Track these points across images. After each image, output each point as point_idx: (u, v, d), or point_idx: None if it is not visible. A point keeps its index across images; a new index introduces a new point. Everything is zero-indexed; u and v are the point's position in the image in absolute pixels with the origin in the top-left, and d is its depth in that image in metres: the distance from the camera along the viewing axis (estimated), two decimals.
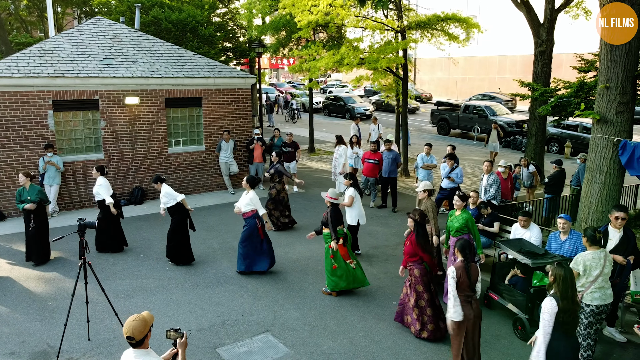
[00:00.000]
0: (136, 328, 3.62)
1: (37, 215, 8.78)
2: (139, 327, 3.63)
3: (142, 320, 3.67)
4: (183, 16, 20.94)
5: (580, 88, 10.17)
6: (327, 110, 33.16)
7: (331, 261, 7.66)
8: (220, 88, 13.56)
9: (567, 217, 7.32)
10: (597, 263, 5.76)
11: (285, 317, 7.16)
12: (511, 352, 6.36)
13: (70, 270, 8.67)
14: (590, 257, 5.81)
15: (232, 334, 6.71)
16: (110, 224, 9.27)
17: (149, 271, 8.71)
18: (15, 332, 6.70)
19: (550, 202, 11.10)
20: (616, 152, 8.01)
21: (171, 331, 3.83)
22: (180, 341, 3.82)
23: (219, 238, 10.34)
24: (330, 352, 6.31)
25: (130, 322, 3.64)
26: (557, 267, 4.76)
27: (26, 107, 11.15)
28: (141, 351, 3.71)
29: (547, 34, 14.56)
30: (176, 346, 3.82)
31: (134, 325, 3.62)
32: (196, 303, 7.56)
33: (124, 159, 12.48)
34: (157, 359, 3.76)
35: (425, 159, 12.27)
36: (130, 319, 3.65)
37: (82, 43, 12.59)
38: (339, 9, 14.05)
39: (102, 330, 6.73)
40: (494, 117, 23.14)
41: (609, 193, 8.22)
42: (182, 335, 3.82)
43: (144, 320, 3.68)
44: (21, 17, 30.60)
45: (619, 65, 7.87)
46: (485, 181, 9.95)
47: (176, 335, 3.82)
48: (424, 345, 6.50)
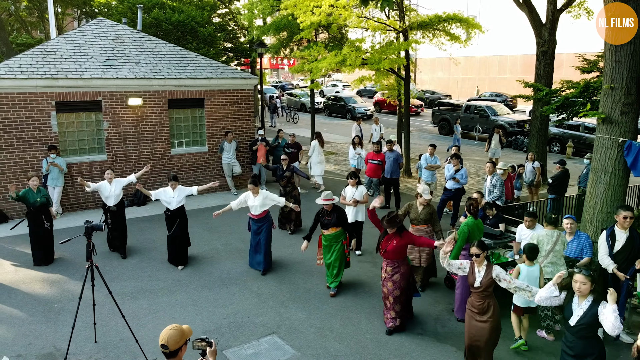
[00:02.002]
0: (172, 337, 3.43)
1: (48, 217, 8.90)
2: (175, 337, 3.45)
3: (180, 330, 3.49)
4: (182, 17, 20.94)
5: (585, 88, 10.18)
6: (327, 111, 33.16)
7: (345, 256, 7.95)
8: (223, 89, 13.55)
9: (573, 217, 7.34)
10: (549, 240, 6.72)
11: (291, 319, 7.16)
12: (519, 351, 6.36)
13: (75, 272, 8.66)
14: (544, 234, 6.82)
15: (238, 335, 6.71)
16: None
17: (154, 272, 8.70)
18: (22, 335, 6.69)
19: (553, 203, 11.10)
20: (621, 153, 8.01)
21: (198, 341, 3.61)
22: (210, 350, 3.59)
23: (222, 239, 10.33)
24: (337, 354, 6.31)
25: (167, 330, 3.46)
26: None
27: (29, 109, 11.14)
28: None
29: (549, 34, 14.58)
30: (205, 355, 3.61)
31: (170, 333, 3.44)
32: (202, 305, 7.55)
33: (127, 160, 12.47)
34: None
35: (429, 160, 12.27)
36: (168, 328, 3.47)
37: (84, 44, 12.58)
38: (342, 9, 14.05)
39: (109, 333, 6.72)
40: (496, 117, 23.15)
41: (614, 194, 8.21)
42: (210, 344, 3.60)
43: (182, 331, 3.50)
44: (21, 17, 30.58)
45: (624, 66, 7.87)
46: (489, 182, 9.96)
47: (205, 344, 3.60)
48: (431, 347, 6.50)
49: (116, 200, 9.11)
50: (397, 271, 6.67)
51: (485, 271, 5.49)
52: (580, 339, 4.72)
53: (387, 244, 6.63)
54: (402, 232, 6.66)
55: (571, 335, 4.77)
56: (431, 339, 6.69)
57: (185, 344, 3.56)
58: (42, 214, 8.78)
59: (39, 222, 8.78)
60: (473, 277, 5.56)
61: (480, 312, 5.53)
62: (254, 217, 8.60)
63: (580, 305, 4.70)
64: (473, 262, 5.61)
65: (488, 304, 5.51)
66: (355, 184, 9.15)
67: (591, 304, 4.64)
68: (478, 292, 5.52)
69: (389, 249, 6.60)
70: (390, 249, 6.60)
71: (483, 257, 5.51)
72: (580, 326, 4.63)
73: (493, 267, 5.49)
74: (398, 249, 6.61)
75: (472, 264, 5.63)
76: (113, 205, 9.10)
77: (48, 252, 9.00)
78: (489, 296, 5.52)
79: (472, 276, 5.57)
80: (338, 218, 7.87)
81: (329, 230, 7.88)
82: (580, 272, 4.71)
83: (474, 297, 5.60)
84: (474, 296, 5.60)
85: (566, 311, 4.79)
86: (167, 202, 8.69)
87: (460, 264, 5.72)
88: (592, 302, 4.65)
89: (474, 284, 5.53)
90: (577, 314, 4.69)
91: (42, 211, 8.80)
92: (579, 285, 4.66)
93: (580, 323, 4.64)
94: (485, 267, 5.51)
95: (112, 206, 9.10)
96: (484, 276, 5.47)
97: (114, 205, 9.11)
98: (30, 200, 8.65)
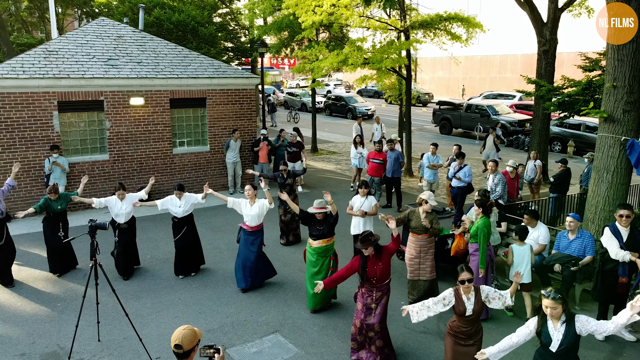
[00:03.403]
0: (186, 336, 3.41)
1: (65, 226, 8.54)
2: (189, 336, 3.43)
3: (193, 330, 3.49)
4: (183, 17, 20.96)
5: (587, 86, 10.18)
6: (328, 110, 33.16)
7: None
8: (225, 88, 13.56)
9: (576, 216, 7.35)
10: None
11: (294, 318, 7.17)
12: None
13: (78, 271, 8.67)
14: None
15: (241, 334, 6.72)
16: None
17: (156, 272, 8.71)
18: (25, 334, 6.71)
19: (555, 202, 11.11)
20: (623, 151, 8.02)
21: (206, 348, 3.53)
22: (219, 356, 3.51)
23: (225, 239, 10.34)
24: (341, 352, 6.31)
25: (180, 330, 3.45)
26: None
27: (31, 108, 11.15)
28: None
29: (550, 33, 14.56)
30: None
31: (184, 333, 3.42)
32: (204, 304, 7.56)
33: (129, 160, 12.48)
34: None
35: (432, 159, 12.28)
36: (181, 328, 3.46)
37: (86, 44, 12.60)
38: (343, 9, 14.05)
39: (112, 331, 6.74)
40: (497, 116, 23.15)
41: (616, 192, 8.22)
42: (218, 350, 3.53)
43: (194, 331, 3.50)
44: (22, 17, 30.61)
45: (626, 65, 7.87)
46: (491, 181, 9.96)
47: (213, 352, 3.53)
48: (434, 346, 6.51)
49: (127, 217, 8.35)
50: (386, 294, 6.07)
51: (475, 297, 5.02)
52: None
53: (374, 270, 5.88)
54: (382, 251, 5.93)
55: (550, 357, 4.40)
56: (434, 337, 6.71)
57: (197, 345, 3.55)
58: (59, 221, 8.38)
59: (55, 230, 8.38)
60: (462, 306, 5.02)
61: (467, 337, 5.12)
62: (247, 229, 7.88)
63: (557, 328, 4.32)
64: (458, 291, 5.07)
65: (476, 327, 5.12)
66: (365, 193, 8.44)
67: (567, 326, 4.29)
68: (470, 319, 5.05)
69: (378, 274, 5.88)
70: (379, 273, 5.88)
71: (472, 284, 5.02)
72: (563, 350, 4.30)
73: (481, 289, 5.06)
74: (385, 270, 5.95)
75: (457, 293, 5.07)
76: (124, 222, 8.35)
77: (65, 261, 8.61)
78: (478, 320, 5.15)
79: (461, 305, 5.02)
80: (329, 228, 7.22)
81: (319, 242, 7.18)
82: (548, 296, 4.26)
83: (461, 323, 5.09)
84: (461, 322, 5.09)
85: (543, 337, 4.39)
86: (174, 212, 8.30)
87: (443, 300, 5.08)
88: (567, 322, 4.30)
89: (465, 313, 5.02)
90: (556, 338, 4.31)
91: (60, 219, 8.38)
92: (550, 311, 4.27)
93: (562, 347, 4.29)
94: (474, 292, 5.04)
95: (122, 223, 8.34)
96: (475, 303, 5.01)
97: (124, 222, 8.36)
98: (51, 209, 8.23)
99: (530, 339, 4.57)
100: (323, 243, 7.19)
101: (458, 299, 5.03)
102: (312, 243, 7.23)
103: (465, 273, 4.97)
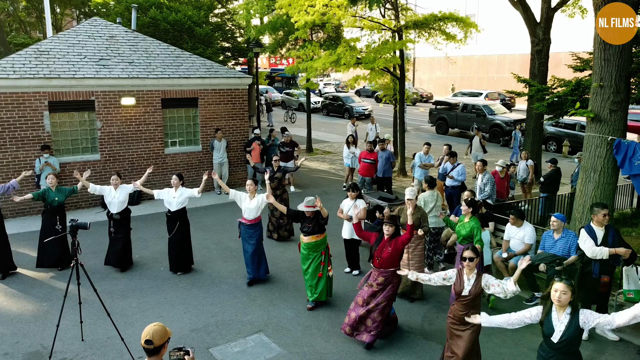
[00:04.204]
0: (157, 332, 3.51)
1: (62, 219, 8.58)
2: (160, 332, 3.53)
3: (163, 327, 3.58)
4: (179, 17, 20.97)
5: (576, 87, 10.18)
6: (325, 110, 33.16)
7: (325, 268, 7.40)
8: (217, 88, 13.57)
9: (560, 215, 7.36)
10: (432, 199, 8.62)
11: (279, 317, 7.18)
12: (503, 352, 6.37)
13: (65, 271, 8.67)
14: (427, 195, 8.67)
15: (225, 334, 6.72)
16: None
17: (144, 272, 8.72)
18: (10, 333, 6.72)
19: (546, 201, 11.11)
20: (610, 151, 8.02)
21: (175, 351, 3.56)
22: (189, 357, 3.54)
23: (214, 238, 10.35)
24: (324, 352, 6.32)
25: (151, 326, 3.54)
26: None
27: (22, 108, 11.17)
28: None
29: (543, 33, 14.56)
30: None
31: (155, 329, 3.52)
32: (190, 303, 7.57)
33: (121, 160, 12.49)
34: None
35: (424, 158, 12.30)
36: (151, 324, 3.56)
37: (78, 44, 12.61)
38: (336, 9, 14.06)
39: (96, 331, 6.75)
40: (492, 116, 23.14)
41: (603, 192, 8.22)
42: (188, 352, 3.57)
43: (165, 328, 3.59)
44: (20, 18, 30.63)
45: (613, 64, 7.87)
46: (480, 181, 9.97)
47: (182, 353, 3.56)
48: (417, 345, 6.52)
49: (119, 207, 8.48)
50: (390, 281, 6.31)
51: (475, 280, 5.18)
52: (562, 355, 4.38)
53: (382, 251, 6.30)
54: (397, 237, 6.33)
55: (551, 350, 4.42)
56: (418, 337, 6.71)
57: (167, 342, 3.59)
58: (57, 214, 8.46)
59: (52, 223, 8.45)
60: (461, 285, 5.21)
61: (461, 322, 5.25)
62: (246, 222, 8.12)
63: (561, 319, 4.31)
64: (460, 270, 5.29)
65: (472, 314, 5.11)
66: (354, 197, 8.40)
67: (571, 317, 4.28)
68: (465, 301, 5.21)
69: (385, 256, 6.25)
70: (385, 256, 6.25)
71: (475, 263, 5.22)
72: (564, 342, 4.28)
73: (483, 276, 5.20)
74: (393, 256, 6.28)
75: (459, 272, 5.29)
76: (116, 213, 8.48)
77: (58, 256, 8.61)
78: (475, 307, 5.21)
79: (460, 284, 5.22)
80: (319, 226, 7.33)
81: (309, 238, 7.32)
82: (561, 280, 4.28)
83: (458, 306, 5.28)
84: (458, 305, 5.28)
85: (545, 327, 4.39)
86: (168, 203, 8.39)
87: (445, 275, 5.36)
88: (572, 313, 4.29)
89: (462, 292, 5.19)
90: (558, 329, 4.30)
91: (57, 212, 8.47)
92: (560, 295, 4.24)
93: (563, 338, 4.27)
94: (476, 275, 5.22)
95: (114, 214, 8.49)
96: (474, 285, 5.16)
97: (116, 213, 8.49)
98: (48, 200, 8.38)
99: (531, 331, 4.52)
100: (313, 239, 7.34)
101: (459, 278, 5.27)
102: (303, 238, 7.42)
103: (468, 251, 5.20)
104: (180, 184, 8.45)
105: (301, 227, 7.44)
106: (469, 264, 5.18)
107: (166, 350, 3.60)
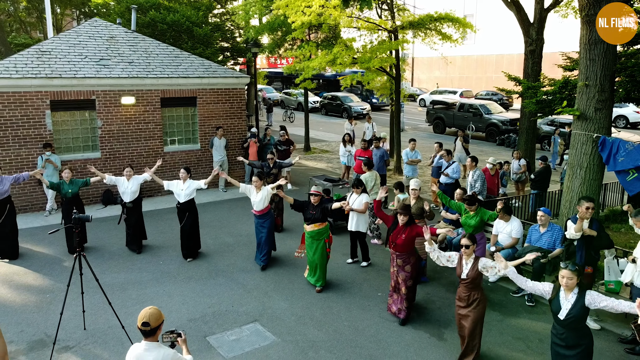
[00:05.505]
0: (152, 315, 3.78)
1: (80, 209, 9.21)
2: (155, 315, 3.80)
3: (158, 310, 3.85)
4: (177, 17, 21.20)
5: (564, 85, 10.43)
6: (324, 110, 33.42)
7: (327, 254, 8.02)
8: (215, 88, 13.82)
9: (546, 210, 7.61)
10: (372, 178, 9.65)
11: (273, 308, 7.43)
12: (488, 340, 6.61)
13: (69, 263, 8.91)
14: (367, 175, 9.72)
15: (221, 323, 6.98)
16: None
17: (144, 265, 8.98)
18: (14, 322, 6.97)
19: (536, 198, 11.35)
20: (595, 148, 8.27)
21: (167, 334, 3.87)
22: (181, 339, 3.92)
23: (212, 234, 10.60)
24: (316, 340, 6.58)
25: (146, 309, 3.80)
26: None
27: (24, 107, 11.43)
28: (153, 344, 3.81)
29: (537, 33, 14.79)
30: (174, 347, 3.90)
31: (150, 312, 3.79)
32: (188, 295, 7.83)
33: (121, 158, 12.75)
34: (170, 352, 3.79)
35: (410, 155, 12.55)
36: (147, 308, 3.83)
37: (79, 44, 12.86)
38: (332, 9, 14.30)
39: (98, 321, 7.00)
40: (489, 115, 23.39)
41: (589, 188, 8.48)
42: (180, 334, 3.91)
43: (159, 311, 3.86)
44: (20, 18, 30.89)
45: (598, 64, 8.13)
46: (470, 177, 10.23)
47: (175, 336, 3.87)
48: (406, 334, 6.77)
49: (132, 196, 9.34)
50: (407, 262, 6.88)
51: (472, 264, 5.73)
52: (570, 330, 4.84)
53: (397, 237, 6.82)
54: (412, 225, 6.84)
55: (561, 327, 4.89)
56: (406, 326, 6.95)
57: (161, 324, 3.85)
58: (73, 205, 8.98)
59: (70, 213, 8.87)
60: (460, 269, 5.81)
61: (464, 303, 5.82)
62: (256, 213, 8.78)
63: (568, 298, 4.79)
64: (461, 254, 5.85)
65: (473, 296, 5.76)
66: (359, 192, 8.77)
67: (577, 297, 4.74)
68: (465, 284, 5.78)
69: (399, 242, 6.79)
70: (399, 242, 6.78)
71: (472, 249, 5.77)
72: (570, 319, 4.75)
73: (480, 260, 5.72)
74: (407, 242, 6.79)
75: (460, 256, 5.88)
76: (129, 202, 9.33)
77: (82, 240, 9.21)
78: (475, 288, 5.76)
79: (460, 268, 5.82)
80: (322, 213, 7.86)
81: (312, 226, 7.86)
82: (566, 267, 4.75)
83: (461, 289, 5.88)
84: (461, 287, 5.88)
85: (553, 305, 4.89)
86: (177, 195, 9.06)
87: (449, 256, 5.96)
88: (579, 294, 4.75)
89: (461, 275, 5.79)
90: (565, 307, 4.78)
91: (74, 202, 9.14)
92: (566, 281, 4.74)
93: (569, 316, 4.74)
94: (473, 260, 5.75)
95: (127, 202, 9.33)
96: (471, 268, 5.71)
97: (129, 202, 9.34)
98: (62, 192, 9.20)
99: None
100: (315, 227, 7.86)
101: (459, 262, 5.85)
102: (306, 227, 7.98)
103: (465, 239, 5.76)
104: (187, 177, 9.08)
105: (305, 215, 8.01)
106: (466, 251, 5.76)
107: (160, 333, 3.87)
